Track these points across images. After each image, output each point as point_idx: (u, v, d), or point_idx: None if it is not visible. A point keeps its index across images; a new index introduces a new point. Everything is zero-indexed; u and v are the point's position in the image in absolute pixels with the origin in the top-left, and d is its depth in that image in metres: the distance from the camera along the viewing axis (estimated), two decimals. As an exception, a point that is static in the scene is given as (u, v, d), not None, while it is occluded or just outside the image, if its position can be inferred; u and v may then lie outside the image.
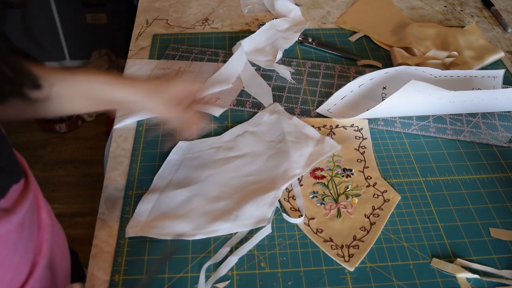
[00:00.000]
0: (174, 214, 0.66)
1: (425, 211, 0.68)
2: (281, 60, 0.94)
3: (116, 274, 0.60)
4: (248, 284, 0.59)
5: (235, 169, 0.72)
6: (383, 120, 0.81)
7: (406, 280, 0.60)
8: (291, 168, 0.71)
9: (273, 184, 0.69)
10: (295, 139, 0.76)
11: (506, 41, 1.02)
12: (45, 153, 1.88)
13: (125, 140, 0.78)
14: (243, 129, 0.79)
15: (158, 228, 0.64)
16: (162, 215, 0.66)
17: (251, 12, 1.09)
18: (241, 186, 0.70)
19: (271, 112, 0.81)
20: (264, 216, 0.65)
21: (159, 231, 0.64)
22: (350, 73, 0.92)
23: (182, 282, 0.59)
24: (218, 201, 0.68)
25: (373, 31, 1.02)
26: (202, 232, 0.64)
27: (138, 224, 0.65)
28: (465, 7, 1.13)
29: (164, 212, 0.66)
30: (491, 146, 0.78)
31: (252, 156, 0.74)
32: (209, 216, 0.66)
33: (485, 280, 0.60)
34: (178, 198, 0.68)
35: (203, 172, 0.72)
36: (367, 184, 0.71)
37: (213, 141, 0.77)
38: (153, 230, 0.64)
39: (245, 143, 0.76)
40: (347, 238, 0.64)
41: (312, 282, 0.60)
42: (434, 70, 0.83)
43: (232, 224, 0.64)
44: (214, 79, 0.88)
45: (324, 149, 0.75)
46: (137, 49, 0.97)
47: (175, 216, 0.66)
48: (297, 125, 0.79)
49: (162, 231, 0.64)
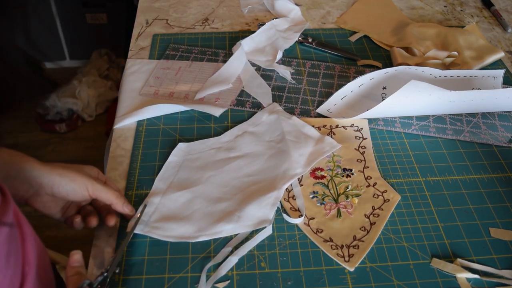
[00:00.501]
0: (177, 216, 0.66)
1: (425, 211, 0.68)
2: (281, 60, 0.94)
3: (116, 274, 0.60)
4: (248, 284, 0.59)
5: (235, 169, 0.72)
6: (383, 120, 0.81)
7: (406, 280, 0.60)
8: (292, 168, 0.71)
9: (274, 184, 0.69)
10: (295, 138, 0.76)
11: (506, 41, 1.02)
12: (45, 153, 1.88)
13: (125, 140, 0.78)
14: (242, 129, 0.79)
15: (161, 229, 0.64)
16: (164, 217, 0.66)
17: (251, 12, 1.09)
18: (242, 187, 0.70)
19: (270, 112, 0.81)
20: (266, 217, 0.65)
21: (162, 232, 0.64)
22: (350, 73, 0.92)
23: (182, 282, 0.59)
24: (220, 202, 0.68)
25: (373, 31, 1.02)
26: (206, 234, 0.64)
27: (140, 223, 0.65)
28: (465, 7, 1.13)
29: (166, 214, 0.66)
30: (491, 146, 0.78)
31: (252, 156, 0.74)
32: (212, 217, 0.66)
33: (485, 280, 0.60)
34: (179, 200, 0.68)
35: (204, 173, 0.72)
36: (367, 184, 0.71)
37: (212, 142, 0.77)
38: (156, 231, 0.64)
39: (245, 143, 0.76)
40: (347, 238, 0.64)
41: (312, 282, 0.60)
42: (434, 70, 0.83)
43: (235, 225, 0.64)
44: (214, 79, 0.88)
45: (324, 148, 0.75)
46: (137, 49, 0.97)
47: (178, 219, 0.66)
48: (297, 124, 0.79)
49: (165, 233, 0.64)
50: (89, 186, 0.61)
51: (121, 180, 0.71)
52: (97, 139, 1.96)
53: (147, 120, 0.81)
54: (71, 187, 0.60)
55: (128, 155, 0.75)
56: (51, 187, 0.59)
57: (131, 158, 0.75)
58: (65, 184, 0.59)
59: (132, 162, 0.74)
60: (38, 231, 0.55)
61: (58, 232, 1.55)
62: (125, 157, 0.75)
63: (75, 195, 0.61)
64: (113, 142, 0.78)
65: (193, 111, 0.82)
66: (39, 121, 1.95)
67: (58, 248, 0.97)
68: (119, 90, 0.89)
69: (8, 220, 0.48)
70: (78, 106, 1.95)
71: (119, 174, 0.72)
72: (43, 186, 0.59)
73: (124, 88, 0.87)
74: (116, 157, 0.75)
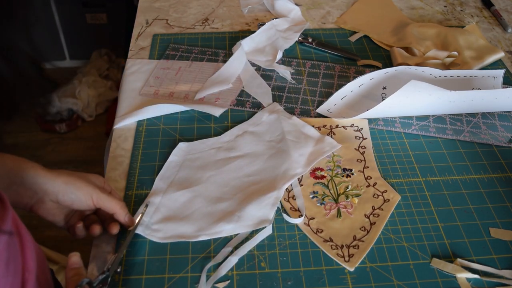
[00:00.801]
0: (177, 216, 0.66)
1: (425, 211, 0.68)
2: (281, 60, 0.94)
3: (116, 274, 0.60)
4: (248, 284, 0.59)
5: (236, 169, 0.72)
6: (383, 120, 0.81)
7: (406, 280, 0.60)
8: (292, 168, 0.71)
9: (274, 184, 0.69)
10: (295, 138, 0.76)
11: (506, 41, 1.02)
12: (45, 153, 1.88)
13: (125, 140, 0.78)
14: (242, 129, 0.79)
15: (162, 231, 0.64)
16: (164, 217, 0.66)
17: (251, 12, 1.09)
18: (243, 187, 0.70)
19: (270, 111, 0.81)
20: (266, 217, 0.65)
21: (162, 235, 0.64)
22: (350, 73, 0.92)
23: (182, 282, 0.59)
24: (220, 202, 0.68)
25: (373, 31, 1.02)
26: (206, 233, 0.64)
27: (142, 223, 0.65)
28: (465, 7, 1.13)
29: (166, 214, 0.66)
30: (491, 146, 0.78)
31: (252, 156, 0.74)
32: (212, 217, 0.66)
33: (485, 280, 0.60)
34: (180, 199, 0.68)
35: (204, 173, 0.72)
36: (367, 184, 0.71)
37: (212, 142, 0.77)
38: (156, 234, 0.64)
39: (245, 143, 0.76)
40: (347, 238, 0.64)
41: (312, 282, 0.60)
42: (434, 70, 0.83)
43: (235, 225, 0.64)
44: (214, 79, 0.88)
45: (324, 148, 0.75)
46: (137, 49, 0.97)
47: (178, 218, 0.66)
48: (297, 124, 0.79)
49: (166, 234, 0.64)
50: (94, 195, 0.61)
51: (121, 180, 0.71)
52: (97, 139, 1.96)
53: (147, 120, 0.81)
54: (76, 195, 0.60)
55: (128, 155, 0.75)
56: (56, 194, 0.59)
57: (131, 158, 0.75)
58: (70, 192, 0.59)
59: (132, 162, 0.74)
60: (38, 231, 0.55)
61: (58, 232, 1.54)
62: (125, 157, 0.75)
63: (79, 203, 0.61)
64: (113, 142, 0.78)
65: (193, 111, 0.82)
66: (39, 121, 1.95)
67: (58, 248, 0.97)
68: (119, 90, 0.89)
69: (7, 228, 0.48)
70: (78, 106, 1.95)
71: (119, 174, 0.72)
72: (47, 193, 0.59)
73: (124, 88, 0.87)
74: (116, 157, 0.75)
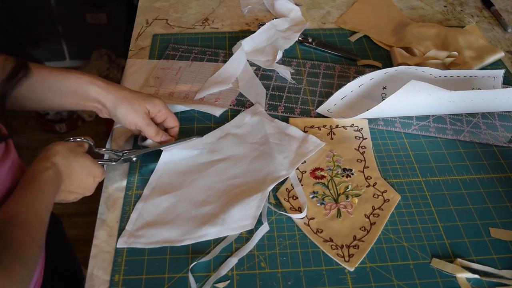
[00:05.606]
0: (160, 221, 0.66)
1: (425, 211, 0.68)
2: (281, 60, 0.94)
3: (116, 274, 0.60)
4: (248, 284, 0.59)
5: (219, 172, 0.72)
6: (383, 120, 0.81)
7: (406, 280, 0.60)
8: (276, 170, 0.71)
9: (259, 186, 0.69)
10: (278, 141, 0.76)
11: (506, 41, 1.02)
12: (45, 153, 1.88)
13: (125, 140, 0.78)
14: (225, 131, 0.78)
15: (145, 237, 0.64)
16: (147, 223, 0.65)
17: (251, 12, 1.09)
18: (226, 190, 0.69)
19: (252, 113, 0.81)
20: (251, 219, 0.65)
21: (146, 240, 0.63)
22: (350, 73, 0.92)
23: (182, 282, 0.59)
24: (204, 206, 0.67)
25: (373, 31, 1.02)
26: (190, 237, 0.63)
27: (125, 234, 0.64)
28: (465, 7, 1.13)
29: (149, 220, 0.66)
30: (491, 146, 0.78)
31: (235, 159, 0.74)
32: (196, 221, 0.65)
33: (485, 280, 0.60)
34: (163, 204, 0.68)
35: (187, 177, 0.71)
36: (367, 184, 0.71)
37: (194, 143, 0.75)
38: (140, 240, 0.63)
39: (228, 145, 0.76)
40: (347, 238, 0.64)
41: (312, 282, 0.60)
42: (434, 70, 0.83)
43: (220, 228, 0.64)
44: (214, 79, 0.88)
45: (309, 148, 0.75)
46: (137, 49, 0.97)
47: (161, 223, 0.65)
48: (279, 127, 0.79)
49: (150, 240, 0.63)
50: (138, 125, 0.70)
51: (121, 180, 0.71)
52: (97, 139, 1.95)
53: (147, 120, 0.81)
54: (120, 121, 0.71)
55: (128, 155, 0.75)
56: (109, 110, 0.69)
57: (131, 158, 0.75)
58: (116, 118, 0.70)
59: (132, 162, 0.74)
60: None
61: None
62: (125, 157, 0.75)
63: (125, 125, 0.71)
64: (113, 142, 0.78)
65: (193, 111, 0.82)
66: (39, 121, 1.96)
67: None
68: (119, 90, 0.89)
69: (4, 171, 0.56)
70: (78, 106, 1.95)
71: (119, 174, 0.72)
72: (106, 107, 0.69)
73: (124, 88, 0.87)
74: (116, 157, 0.75)
